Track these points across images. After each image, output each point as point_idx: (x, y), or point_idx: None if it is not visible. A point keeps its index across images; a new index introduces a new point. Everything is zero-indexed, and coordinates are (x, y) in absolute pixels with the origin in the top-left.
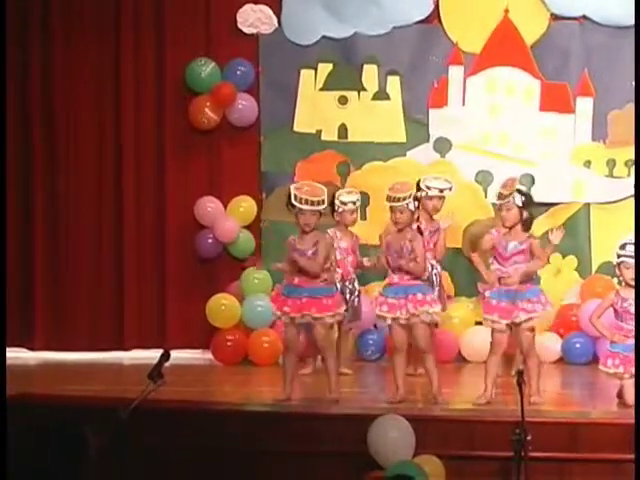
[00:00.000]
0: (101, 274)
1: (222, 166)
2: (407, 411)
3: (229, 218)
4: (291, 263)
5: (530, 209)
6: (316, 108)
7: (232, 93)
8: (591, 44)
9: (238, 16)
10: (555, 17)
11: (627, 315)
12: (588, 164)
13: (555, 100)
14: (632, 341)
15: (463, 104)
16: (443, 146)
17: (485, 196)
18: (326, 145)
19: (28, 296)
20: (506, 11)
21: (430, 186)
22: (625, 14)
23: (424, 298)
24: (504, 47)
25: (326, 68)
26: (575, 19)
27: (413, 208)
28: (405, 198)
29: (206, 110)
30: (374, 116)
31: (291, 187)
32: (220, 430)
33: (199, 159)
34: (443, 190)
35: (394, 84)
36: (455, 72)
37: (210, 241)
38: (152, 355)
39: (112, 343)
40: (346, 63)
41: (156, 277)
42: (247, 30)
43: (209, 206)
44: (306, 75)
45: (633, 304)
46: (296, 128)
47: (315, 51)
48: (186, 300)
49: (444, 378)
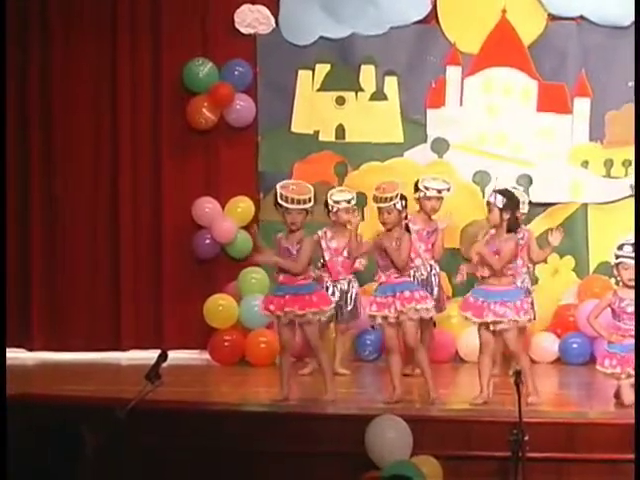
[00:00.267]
0: (98, 274)
1: (220, 166)
2: (404, 411)
3: (227, 218)
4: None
5: (513, 210)
6: (314, 108)
7: (230, 93)
8: (588, 44)
9: (236, 16)
10: (552, 17)
11: (625, 315)
12: (585, 164)
13: (552, 100)
14: (629, 341)
15: (460, 104)
16: (441, 146)
17: (483, 196)
18: (323, 145)
19: (26, 297)
20: (504, 11)
21: (428, 187)
22: (622, 14)
23: (412, 295)
24: (502, 47)
25: (324, 68)
26: (572, 19)
27: (401, 207)
28: (392, 198)
29: (204, 110)
30: (372, 116)
31: (278, 186)
32: (217, 430)
33: (197, 159)
34: (441, 191)
35: (391, 84)
36: (453, 72)
37: (208, 241)
38: (149, 355)
39: (109, 343)
40: (344, 63)
41: (153, 277)
42: (245, 30)
43: (207, 206)
44: (304, 75)
45: (631, 304)
46: (294, 128)
47: (313, 51)
48: (183, 300)
49: (441, 378)
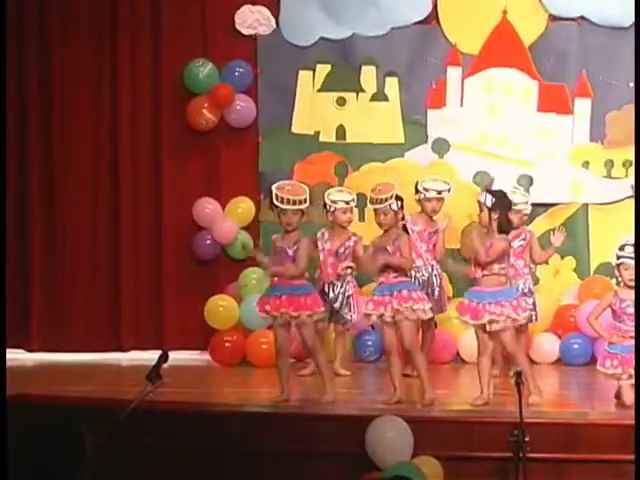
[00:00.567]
0: (98, 275)
1: (220, 167)
2: (405, 412)
3: (227, 219)
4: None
5: (503, 210)
6: (314, 109)
7: (230, 94)
8: (589, 45)
9: (236, 17)
10: (553, 18)
11: (625, 316)
12: (586, 165)
13: (553, 101)
14: (630, 342)
15: (461, 105)
16: (441, 147)
17: None
18: (324, 146)
19: (25, 297)
20: (504, 12)
21: (428, 188)
22: (623, 15)
23: (409, 295)
24: (502, 48)
25: (324, 69)
26: (573, 20)
27: (396, 208)
28: (387, 199)
29: (204, 111)
30: (372, 117)
31: (273, 187)
32: (218, 431)
33: (197, 160)
34: (441, 192)
35: (392, 85)
36: (453, 73)
37: (208, 242)
38: (150, 356)
39: (110, 344)
40: (344, 64)
41: (154, 278)
42: (245, 31)
43: (207, 207)
44: (304, 76)
45: (631, 305)
46: (294, 129)
47: (313, 52)
48: (184, 301)
49: (442, 379)
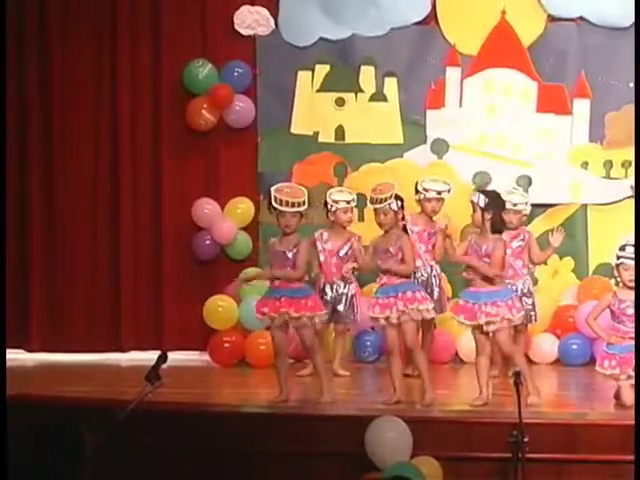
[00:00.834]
0: (98, 275)
1: (219, 167)
2: (404, 412)
3: (226, 219)
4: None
5: (496, 210)
6: (313, 109)
7: (229, 94)
8: (588, 45)
9: (235, 17)
10: (552, 18)
11: (624, 317)
12: (585, 165)
13: (552, 101)
14: (628, 342)
15: (460, 105)
16: (440, 147)
17: None
18: (323, 146)
19: (25, 298)
20: (503, 12)
21: (427, 188)
22: (622, 15)
23: (414, 296)
24: (501, 48)
25: (323, 69)
26: (572, 20)
27: (396, 208)
28: (387, 199)
29: (203, 112)
30: (371, 117)
31: (272, 189)
32: (217, 431)
33: (196, 160)
34: (441, 192)
35: (391, 85)
36: (452, 73)
37: (207, 243)
38: (149, 357)
39: (109, 345)
40: (343, 64)
41: (153, 279)
42: (244, 32)
43: (206, 207)
44: (303, 76)
45: (630, 306)
46: (293, 129)
47: (312, 52)
48: (183, 302)
49: (442, 379)
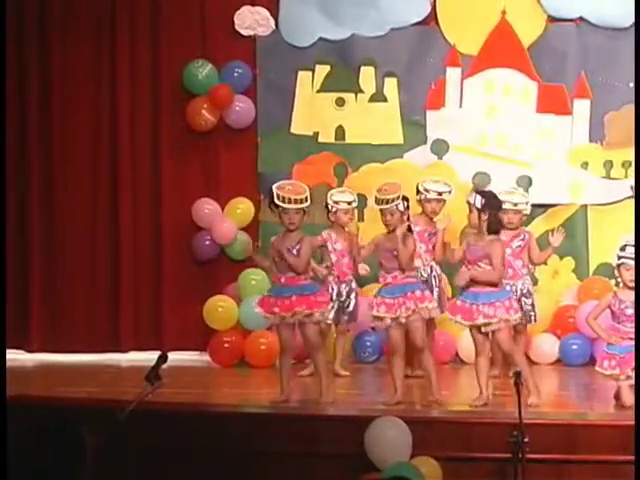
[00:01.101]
0: (98, 276)
1: (219, 168)
2: (404, 413)
3: (226, 220)
4: (277, 261)
5: (493, 211)
6: (313, 110)
7: (229, 95)
8: (588, 46)
9: (235, 18)
10: (552, 19)
11: (624, 317)
12: (585, 165)
13: (552, 102)
14: (628, 343)
15: (460, 106)
16: (440, 148)
17: None
18: (323, 147)
19: (25, 298)
20: (503, 13)
21: (428, 189)
22: (622, 15)
23: (422, 295)
24: (501, 49)
25: (323, 70)
26: (572, 21)
27: (402, 209)
28: (394, 199)
29: (203, 112)
30: (371, 118)
31: (273, 187)
32: (218, 431)
33: (196, 161)
34: (442, 193)
35: (391, 86)
36: (452, 74)
37: (207, 243)
38: (149, 357)
39: (109, 345)
40: (343, 65)
41: (153, 279)
42: (244, 32)
43: (206, 208)
44: (303, 77)
45: (630, 306)
46: (293, 130)
47: (312, 53)
48: (183, 302)
49: (442, 380)
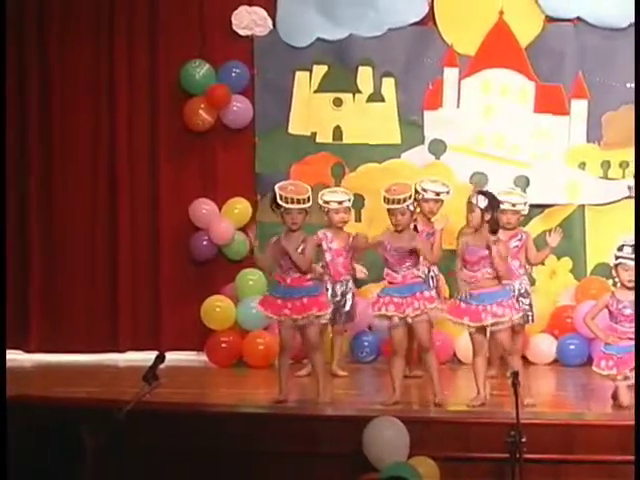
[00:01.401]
0: (96, 276)
1: (217, 168)
2: (402, 413)
3: (224, 220)
4: (280, 261)
5: (494, 211)
6: (311, 110)
7: (227, 95)
8: (585, 46)
9: (233, 18)
10: (550, 19)
11: (622, 317)
12: (583, 166)
13: (550, 102)
14: (626, 343)
15: (458, 106)
16: (438, 148)
17: None
18: (321, 147)
19: (24, 298)
20: (501, 13)
21: (426, 189)
22: (619, 16)
23: (430, 295)
24: (499, 49)
25: (321, 70)
26: (569, 21)
27: (412, 209)
28: (405, 200)
29: (201, 112)
30: (369, 118)
31: (275, 187)
32: (216, 431)
33: (194, 161)
34: (439, 193)
35: (389, 86)
36: (450, 74)
37: (205, 243)
38: (147, 357)
39: (107, 345)
40: (341, 65)
41: (151, 279)
42: (242, 32)
43: (204, 208)
44: (301, 77)
45: (628, 306)
46: (291, 130)
47: (310, 53)
48: (181, 302)
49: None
